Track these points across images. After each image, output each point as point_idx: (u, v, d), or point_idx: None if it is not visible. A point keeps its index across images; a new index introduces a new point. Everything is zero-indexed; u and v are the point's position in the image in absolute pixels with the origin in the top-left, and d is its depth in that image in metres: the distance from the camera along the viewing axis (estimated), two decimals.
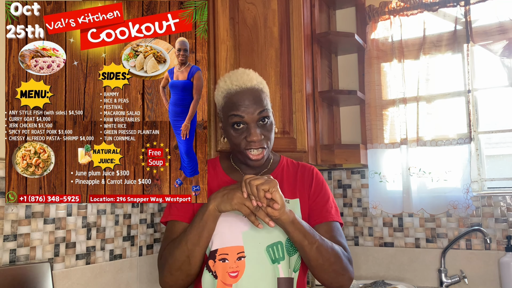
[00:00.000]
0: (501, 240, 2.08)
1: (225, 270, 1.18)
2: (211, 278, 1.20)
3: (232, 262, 1.18)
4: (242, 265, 1.18)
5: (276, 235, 1.20)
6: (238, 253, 1.19)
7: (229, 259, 1.19)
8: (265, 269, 1.18)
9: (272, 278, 1.18)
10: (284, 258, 1.20)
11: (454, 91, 2.15)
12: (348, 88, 2.47)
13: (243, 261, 1.18)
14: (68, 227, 1.66)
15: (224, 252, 1.19)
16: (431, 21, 2.22)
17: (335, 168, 2.42)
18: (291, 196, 1.28)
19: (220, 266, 1.18)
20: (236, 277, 1.18)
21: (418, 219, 2.26)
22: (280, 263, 1.19)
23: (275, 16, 1.99)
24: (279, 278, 1.19)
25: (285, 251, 1.20)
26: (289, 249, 1.21)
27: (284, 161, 1.37)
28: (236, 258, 1.18)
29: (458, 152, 2.11)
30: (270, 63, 1.99)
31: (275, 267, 1.19)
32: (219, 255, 1.19)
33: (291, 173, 1.33)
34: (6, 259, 1.47)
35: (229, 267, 1.18)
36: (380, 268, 2.32)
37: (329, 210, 1.30)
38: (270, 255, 1.19)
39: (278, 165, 1.34)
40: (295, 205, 1.27)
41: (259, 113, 1.21)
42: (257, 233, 1.20)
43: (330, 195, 1.34)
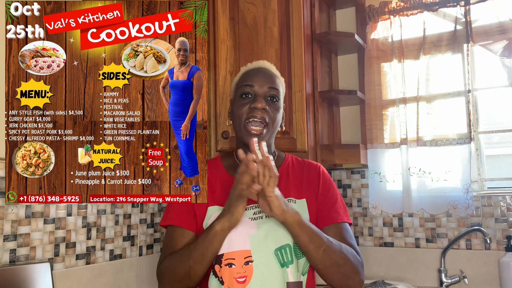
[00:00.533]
0: (501, 240, 2.08)
1: (232, 276, 1.13)
2: (218, 283, 1.15)
3: (239, 267, 1.13)
4: (250, 270, 1.13)
5: (284, 238, 1.16)
6: (245, 257, 1.14)
7: (236, 264, 1.14)
8: (274, 274, 1.14)
9: (281, 282, 1.14)
10: (292, 261, 1.15)
11: (454, 91, 2.15)
12: (348, 88, 2.47)
13: (251, 266, 1.13)
14: (68, 227, 1.66)
15: (231, 257, 1.14)
16: (431, 21, 2.21)
17: (335, 168, 2.42)
18: (298, 196, 1.24)
19: (227, 271, 1.14)
20: (244, 282, 1.13)
21: (418, 219, 2.26)
22: (289, 267, 1.15)
23: (275, 16, 1.99)
24: (288, 282, 1.14)
25: (293, 254, 1.16)
26: (297, 252, 1.17)
27: (289, 159, 1.33)
28: (243, 263, 1.14)
29: (458, 152, 2.11)
30: (270, 63, 1.99)
31: (284, 271, 1.14)
32: (225, 260, 1.14)
33: (297, 172, 1.29)
34: (6, 259, 1.47)
35: (237, 272, 1.13)
36: (380, 268, 2.32)
37: (337, 211, 1.27)
38: (279, 259, 1.15)
39: (283, 163, 1.31)
40: (302, 206, 1.23)
41: (269, 87, 1.22)
42: (265, 236, 1.16)
43: (338, 194, 1.30)
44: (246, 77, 1.25)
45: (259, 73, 1.25)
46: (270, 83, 1.24)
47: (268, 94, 1.23)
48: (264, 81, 1.23)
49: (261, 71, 1.26)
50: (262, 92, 1.22)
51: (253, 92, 1.22)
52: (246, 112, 1.21)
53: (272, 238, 1.16)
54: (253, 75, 1.25)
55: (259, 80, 1.23)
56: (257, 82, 1.23)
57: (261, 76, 1.24)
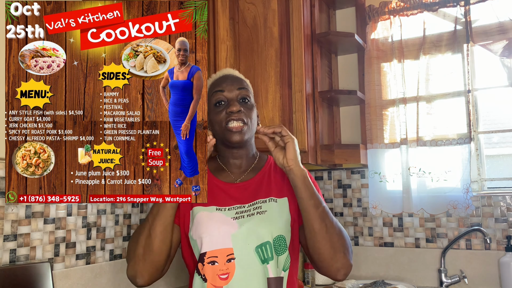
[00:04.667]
0: (501, 240, 2.09)
1: (215, 273, 1.18)
2: (201, 281, 1.20)
3: (222, 265, 1.18)
4: (232, 267, 1.18)
5: (265, 235, 1.20)
6: (227, 255, 1.18)
7: (219, 261, 1.18)
8: (255, 270, 1.18)
9: (262, 278, 1.19)
10: (272, 258, 1.20)
11: (454, 91, 2.15)
12: (348, 88, 2.47)
13: (233, 263, 1.18)
14: (68, 227, 1.66)
15: (213, 255, 1.19)
16: (431, 21, 2.22)
17: (335, 168, 2.43)
18: (279, 195, 1.28)
19: (210, 269, 1.18)
20: (226, 279, 1.18)
21: (418, 219, 2.26)
22: (269, 263, 1.19)
23: (275, 16, 1.99)
24: (269, 278, 1.19)
25: (273, 251, 1.20)
26: (277, 249, 1.21)
27: (271, 160, 1.37)
28: (226, 260, 1.18)
29: (458, 152, 2.11)
30: (270, 63, 1.99)
31: (264, 267, 1.19)
32: (208, 258, 1.19)
33: (279, 172, 1.33)
34: (6, 259, 1.47)
35: (219, 269, 1.18)
36: (380, 268, 2.32)
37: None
38: (260, 256, 1.19)
39: (266, 164, 1.35)
40: (283, 205, 1.27)
41: (238, 89, 1.29)
42: (246, 234, 1.20)
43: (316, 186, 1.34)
44: (215, 85, 1.32)
45: (226, 79, 1.32)
46: (238, 85, 1.31)
47: (239, 96, 1.29)
48: (232, 84, 1.30)
49: (228, 77, 1.33)
50: (233, 95, 1.29)
51: (225, 97, 1.29)
52: (224, 118, 1.27)
53: (253, 236, 1.20)
54: (221, 81, 1.31)
55: (227, 85, 1.30)
56: (226, 87, 1.29)
57: (228, 81, 1.31)
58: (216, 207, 1.24)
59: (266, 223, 1.21)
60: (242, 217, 1.22)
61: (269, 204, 1.24)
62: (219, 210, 1.23)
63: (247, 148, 1.33)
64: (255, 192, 1.27)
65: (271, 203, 1.25)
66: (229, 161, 1.33)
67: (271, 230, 1.21)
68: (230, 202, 1.25)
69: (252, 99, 1.33)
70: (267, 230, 1.20)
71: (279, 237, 1.21)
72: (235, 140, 1.26)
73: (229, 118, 1.25)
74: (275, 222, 1.22)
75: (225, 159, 1.34)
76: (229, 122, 1.25)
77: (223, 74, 1.36)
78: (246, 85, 1.34)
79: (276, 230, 1.21)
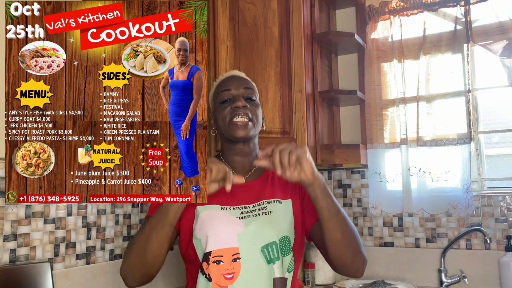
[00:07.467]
0: (501, 240, 2.09)
1: (220, 272, 1.17)
2: (205, 281, 1.18)
3: (227, 264, 1.17)
4: (238, 267, 1.17)
5: (271, 236, 1.20)
6: (233, 254, 1.18)
7: (224, 261, 1.18)
8: (261, 270, 1.18)
9: (267, 278, 1.18)
10: (278, 258, 1.20)
11: (454, 91, 2.15)
12: (348, 88, 2.47)
13: (238, 263, 1.18)
14: (68, 227, 1.66)
15: (219, 254, 1.18)
16: (431, 21, 2.22)
17: (335, 168, 2.42)
18: (283, 197, 1.28)
19: (214, 268, 1.17)
20: (231, 278, 1.17)
21: (418, 219, 2.26)
22: (275, 263, 1.19)
23: (275, 16, 1.99)
24: (275, 278, 1.19)
25: (279, 251, 1.20)
26: (283, 249, 1.21)
27: None
28: (231, 260, 1.18)
29: (458, 152, 2.11)
30: (270, 63, 1.99)
31: (270, 267, 1.18)
32: (213, 257, 1.18)
33: None
34: (6, 259, 1.47)
35: (224, 269, 1.17)
36: (380, 268, 2.32)
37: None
38: (265, 256, 1.19)
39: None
40: (287, 206, 1.27)
41: (244, 88, 1.32)
42: (252, 234, 1.19)
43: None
44: (222, 85, 1.34)
45: (232, 79, 1.35)
46: (245, 84, 1.33)
47: (245, 94, 1.32)
48: (239, 83, 1.33)
49: (234, 77, 1.36)
50: (239, 93, 1.31)
51: (231, 95, 1.31)
52: (229, 113, 1.28)
53: (259, 236, 1.20)
54: (227, 81, 1.34)
55: (234, 84, 1.33)
56: (232, 85, 1.32)
57: (234, 80, 1.34)
58: (220, 207, 1.23)
59: (272, 223, 1.21)
60: (248, 217, 1.22)
61: (274, 205, 1.24)
62: (223, 210, 1.23)
63: (250, 146, 1.33)
64: (260, 193, 1.27)
65: (276, 204, 1.25)
66: (233, 158, 1.33)
67: (277, 230, 1.20)
68: (234, 202, 1.25)
69: (257, 100, 1.35)
70: (274, 231, 1.20)
71: (285, 237, 1.21)
72: (239, 135, 1.27)
73: (234, 113, 1.27)
74: (281, 223, 1.22)
75: (229, 157, 1.34)
76: (234, 117, 1.27)
77: (229, 74, 1.38)
78: (252, 86, 1.36)
79: (282, 231, 1.21)
